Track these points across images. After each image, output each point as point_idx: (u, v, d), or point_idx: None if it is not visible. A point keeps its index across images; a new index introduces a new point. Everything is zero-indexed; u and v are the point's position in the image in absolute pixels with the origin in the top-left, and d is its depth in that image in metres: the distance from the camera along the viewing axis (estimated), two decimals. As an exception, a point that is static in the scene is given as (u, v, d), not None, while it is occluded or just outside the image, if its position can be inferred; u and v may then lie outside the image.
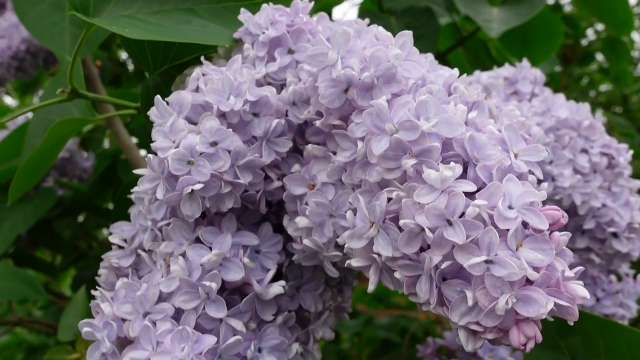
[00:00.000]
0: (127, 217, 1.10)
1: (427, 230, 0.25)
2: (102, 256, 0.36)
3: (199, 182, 0.29)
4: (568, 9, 1.70)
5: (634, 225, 0.45)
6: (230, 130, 0.30)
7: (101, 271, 0.38)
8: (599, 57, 1.77)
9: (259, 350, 0.32)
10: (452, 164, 0.26)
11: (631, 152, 0.47)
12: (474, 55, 0.98)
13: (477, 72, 0.54)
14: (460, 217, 0.25)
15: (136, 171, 0.32)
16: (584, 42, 1.78)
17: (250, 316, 0.32)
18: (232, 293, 0.33)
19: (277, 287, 0.32)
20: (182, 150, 0.29)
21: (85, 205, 1.13)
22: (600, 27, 1.87)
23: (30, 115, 1.12)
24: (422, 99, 0.27)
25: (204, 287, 0.30)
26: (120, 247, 0.36)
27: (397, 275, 0.27)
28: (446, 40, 1.00)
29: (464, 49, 0.96)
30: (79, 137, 1.18)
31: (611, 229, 0.45)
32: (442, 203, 0.25)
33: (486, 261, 0.24)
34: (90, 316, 0.68)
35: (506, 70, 0.52)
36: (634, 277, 0.51)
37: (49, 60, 1.08)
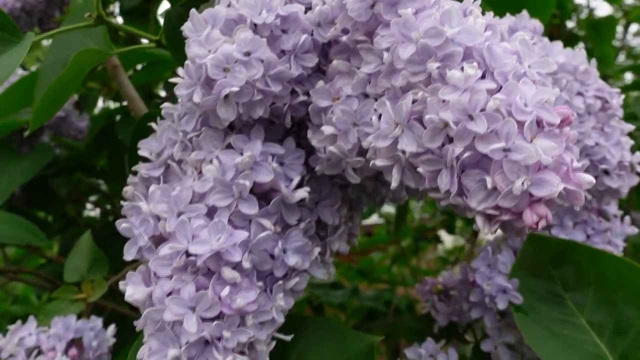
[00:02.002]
0: (122, 176, 1.10)
1: (451, 123, 0.28)
2: (132, 169, 0.38)
3: (235, 86, 0.31)
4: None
5: (624, 163, 0.49)
6: (264, 40, 0.32)
7: (127, 188, 0.40)
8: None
9: (284, 252, 0.34)
10: (474, 63, 0.28)
11: (623, 96, 0.50)
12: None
13: (479, 22, 0.56)
14: (481, 112, 0.27)
15: (172, 80, 0.34)
16: (570, 24, 1.83)
17: (276, 219, 0.34)
18: (259, 200, 0.35)
19: (302, 192, 0.34)
20: (220, 57, 0.31)
21: (81, 165, 1.13)
22: (583, 14, 1.91)
23: (21, 72, 1.11)
24: (446, 9, 0.30)
25: (237, 185, 0.32)
26: (148, 161, 0.38)
27: (420, 170, 0.29)
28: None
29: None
30: (74, 96, 1.18)
31: (603, 166, 0.48)
32: (465, 99, 0.28)
33: (504, 149, 0.27)
34: (97, 258, 0.69)
35: (507, 19, 0.54)
36: (621, 218, 0.55)
37: (44, 19, 1.08)
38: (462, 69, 0.29)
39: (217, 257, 0.31)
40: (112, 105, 1.31)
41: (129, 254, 0.33)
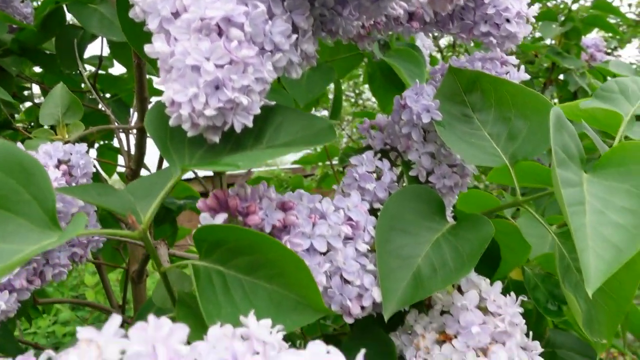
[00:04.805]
0: (70, 60, 1.15)
1: None
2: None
3: None
4: None
5: (522, 14, 0.62)
6: None
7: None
8: None
9: (271, 33, 0.45)
10: None
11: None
12: None
13: None
14: None
15: None
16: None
17: (266, 7, 0.45)
18: (250, -6, 0.45)
19: (286, -14, 0.45)
20: None
21: (28, 50, 1.16)
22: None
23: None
24: None
25: (240, -31, 0.42)
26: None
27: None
28: None
29: None
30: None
31: (505, 14, 0.62)
32: None
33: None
34: (71, 104, 0.76)
35: None
36: (518, 68, 0.70)
37: None
38: None
39: (226, 20, 0.41)
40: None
41: (152, 24, 0.43)
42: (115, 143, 1.45)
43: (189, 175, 1.39)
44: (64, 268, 0.61)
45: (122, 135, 1.22)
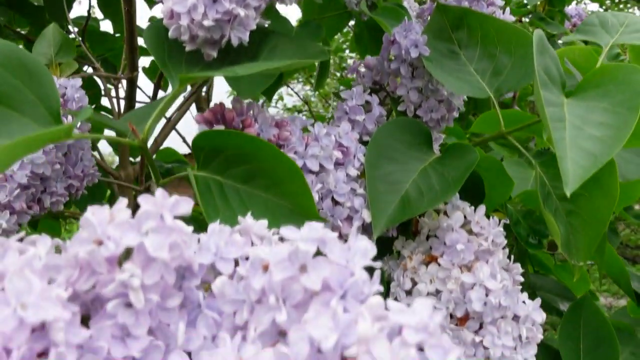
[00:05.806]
0: (60, 14, 1.15)
1: None
2: None
3: None
4: None
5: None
6: None
7: None
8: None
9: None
10: None
11: None
12: None
13: None
14: None
15: None
16: None
17: None
18: None
19: None
20: None
21: (16, 2, 1.15)
22: None
23: None
24: None
25: None
26: None
27: None
28: None
29: None
30: None
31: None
32: None
33: None
34: (63, 43, 0.76)
35: None
36: (503, 10, 0.72)
37: None
38: None
39: None
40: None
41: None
42: (103, 102, 1.45)
43: (185, 150, 1.40)
44: (61, 197, 0.62)
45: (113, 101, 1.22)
